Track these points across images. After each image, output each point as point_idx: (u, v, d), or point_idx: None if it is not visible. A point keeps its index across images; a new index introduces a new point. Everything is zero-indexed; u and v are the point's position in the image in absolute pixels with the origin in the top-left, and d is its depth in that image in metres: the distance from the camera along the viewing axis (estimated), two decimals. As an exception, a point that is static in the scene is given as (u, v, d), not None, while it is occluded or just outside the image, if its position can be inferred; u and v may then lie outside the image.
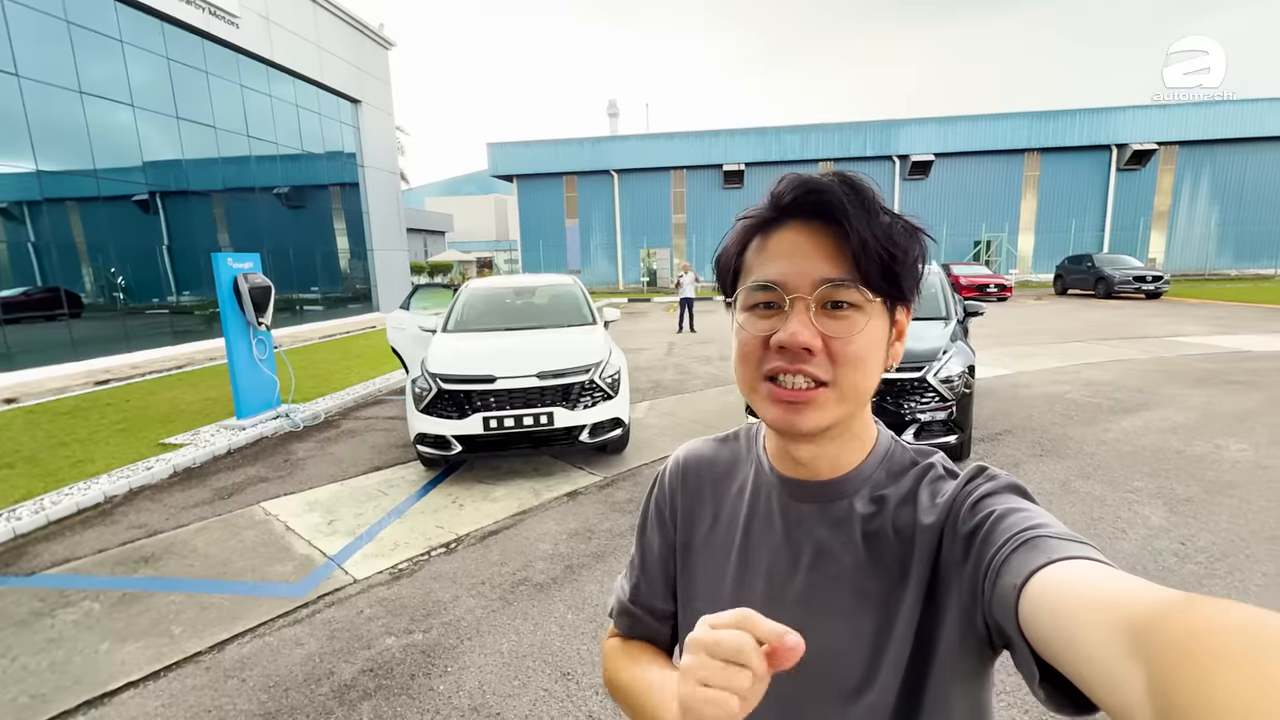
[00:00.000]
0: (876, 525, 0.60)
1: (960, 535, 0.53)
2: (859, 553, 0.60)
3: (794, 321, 0.55)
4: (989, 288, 18.35)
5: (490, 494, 4.40)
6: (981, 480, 0.56)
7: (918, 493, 0.60)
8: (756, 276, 0.59)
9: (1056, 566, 0.43)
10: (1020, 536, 0.47)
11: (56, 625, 2.96)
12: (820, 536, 0.62)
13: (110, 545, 3.80)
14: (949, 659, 0.55)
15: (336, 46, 17.01)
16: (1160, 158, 25.77)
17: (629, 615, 0.78)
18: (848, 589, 0.59)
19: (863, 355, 0.56)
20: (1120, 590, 0.38)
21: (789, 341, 0.55)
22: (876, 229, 0.55)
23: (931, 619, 0.56)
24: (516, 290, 6.40)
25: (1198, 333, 10.74)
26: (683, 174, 28.48)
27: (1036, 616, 0.41)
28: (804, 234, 0.58)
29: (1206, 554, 3.20)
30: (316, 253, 16.87)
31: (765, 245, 0.60)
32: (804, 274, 0.56)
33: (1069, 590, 0.40)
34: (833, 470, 0.62)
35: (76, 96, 10.31)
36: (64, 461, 5.22)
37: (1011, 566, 0.46)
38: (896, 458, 0.64)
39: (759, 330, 0.58)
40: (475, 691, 2.40)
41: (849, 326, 0.56)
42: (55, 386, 8.69)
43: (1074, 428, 5.43)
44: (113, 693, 2.48)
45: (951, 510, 0.56)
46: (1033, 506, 0.52)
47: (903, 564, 0.57)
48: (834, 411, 0.57)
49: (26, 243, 9.87)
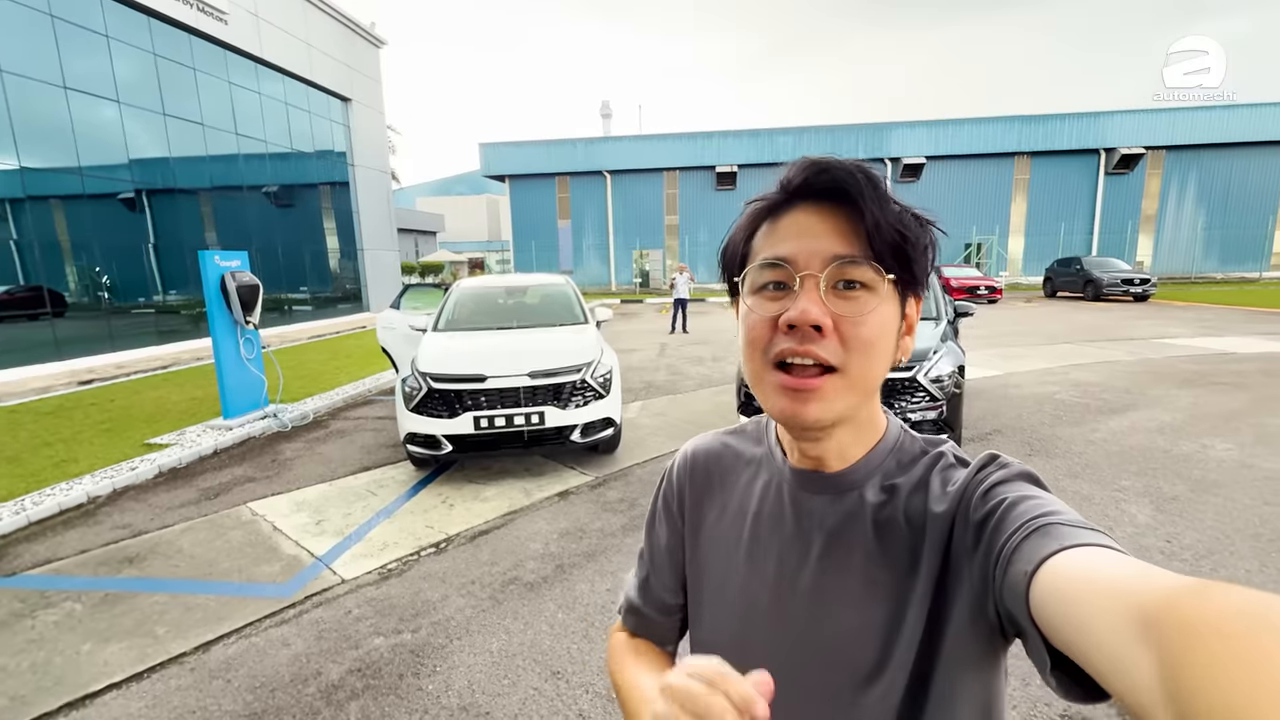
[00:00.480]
0: (887, 514, 0.59)
1: (972, 523, 0.53)
2: (870, 542, 0.59)
3: (804, 299, 0.54)
4: (979, 290, 18.51)
5: (481, 494, 4.37)
6: (993, 468, 0.56)
7: (929, 481, 0.59)
8: (765, 255, 0.58)
9: (1068, 553, 0.42)
10: (1032, 524, 0.47)
11: (37, 626, 2.90)
12: (831, 527, 0.61)
13: (93, 546, 3.74)
14: (960, 647, 0.54)
15: (327, 44, 16.89)
16: (1148, 162, 26.12)
17: (636, 614, 0.78)
18: (859, 578, 0.59)
19: (873, 339, 0.55)
20: (1132, 576, 0.37)
21: (798, 319, 0.54)
22: (889, 213, 0.55)
23: (942, 607, 0.55)
24: (508, 289, 6.37)
25: (1184, 335, 10.88)
26: (675, 175, 28.52)
27: (1047, 603, 0.41)
28: (815, 214, 0.57)
29: (1192, 551, 3.24)
30: (306, 252, 16.73)
31: (774, 228, 0.59)
32: (815, 251, 0.55)
33: (1080, 577, 0.40)
34: (841, 460, 0.62)
35: (61, 92, 10.17)
36: (46, 462, 5.14)
37: (1023, 553, 0.45)
38: (906, 447, 0.63)
39: (768, 311, 0.57)
40: (464, 691, 2.37)
41: (860, 307, 0.55)
42: (38, 386, 8.56)
43: (1062, 428, 5.47)
44: (95, 694, 2.43)
45: (963, 498, 0.55)
46: (1045, 494, 0.52)
47: (914, 553, 0.57)
48: (841, 402, 0.56)
49: (9, 240, 9.70)
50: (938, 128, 26.49)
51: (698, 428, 5.86)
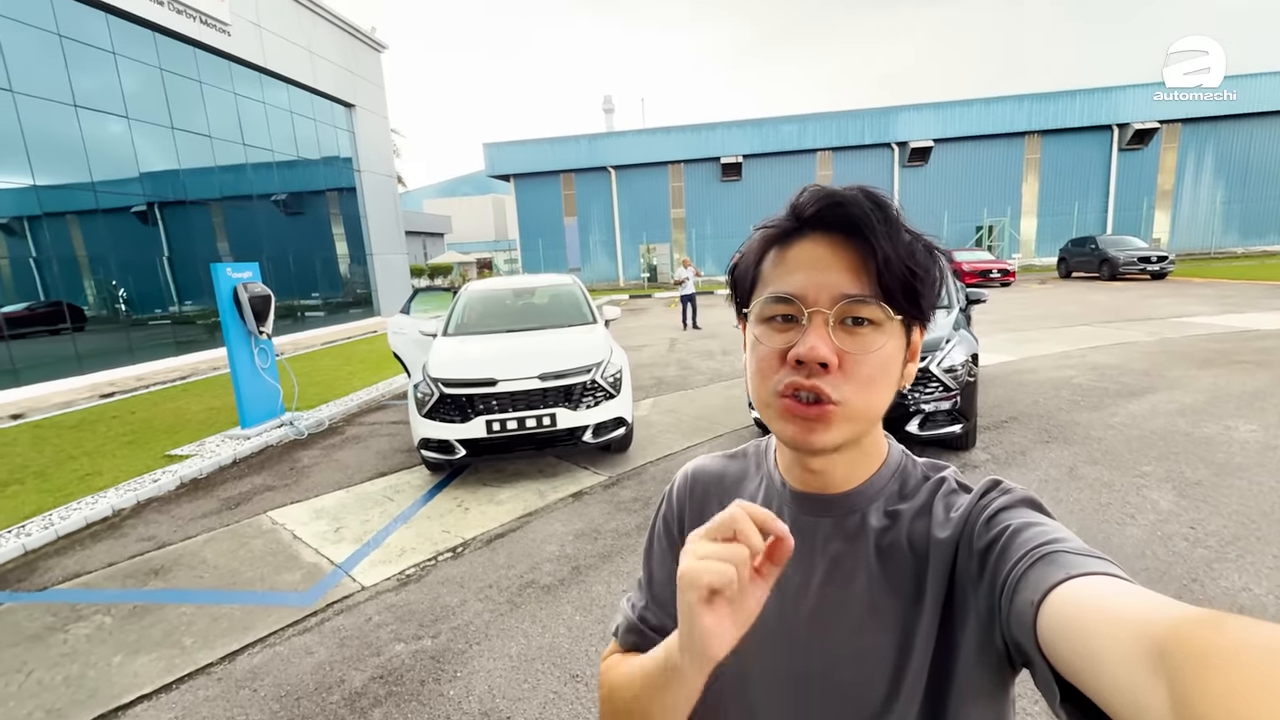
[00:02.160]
0: (890, 539, 0.59)
1: (976, 550, 0.53)
2: (872, 568, 0.59)
3: (811, 335, 0.55)
4: (992, 273, 18.25)
5: (495, 497, 4.40)
6: (996, 494, 0.56)
7: (932, 506, 0.59)
8: (775, 288, 0.58)
9: (1075, 582, 0.42)
10: (1037, 551, 0.46)
11: (69, 639, 2.97)
12: (833, 551, 0.61)
13: (120, 558, 3.82)
14: (968, 677, 0.54)
15: (328, 51, 16.96)
16: (1163, 136, 25.52)
17: (636, 632, 0.74)
18: (862, 604, 0.58)
19: (875, 376, 0.56)
20: (1142, 606, 0.37)
21: (806, 355, 0.54)
22: (900, 246, 0.54)
23: (949, 636, 0.55)
24: (516, 291, 6.39)
25: (1204, 313, 10.66)
26: (680, 168, 28.36)
27: (1055, 633, 0.41)
28: (825, 246, 0.57)
29: (1217, 538, 3.18)
30: (316, 258, 16.88)
31: (784, 256, 0.59)
32: (824, 287, 0.55)
33: (1089, 606, 0.39)
34: (845, 483, 0.62)
35: (71, 110, 10.31)
36: (72, 476, 5.25)
37: (1029, 582, 0.45)
38: (909, 471, 0.63)
39: (776, 344, 0.57)
40: (485, 696, 2.40)
41: (866, 344, 0.55)
42: (61, 400, 8.74)
43: (1080, 413, 5.40)
44: (126, 705, 2.49)
45: (966, 525, 0.55)
46: (1049, 521, 0.51)
47: (917, 579, 0.57)
48: (846, 430, 0.56)
49: (28, 257, 9.89)
50: (945, 110, 26.07)
51: (710, 424, 5.85)
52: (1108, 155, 26.08)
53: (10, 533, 4.13)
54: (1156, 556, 3.04)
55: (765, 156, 27.14)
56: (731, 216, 27.87)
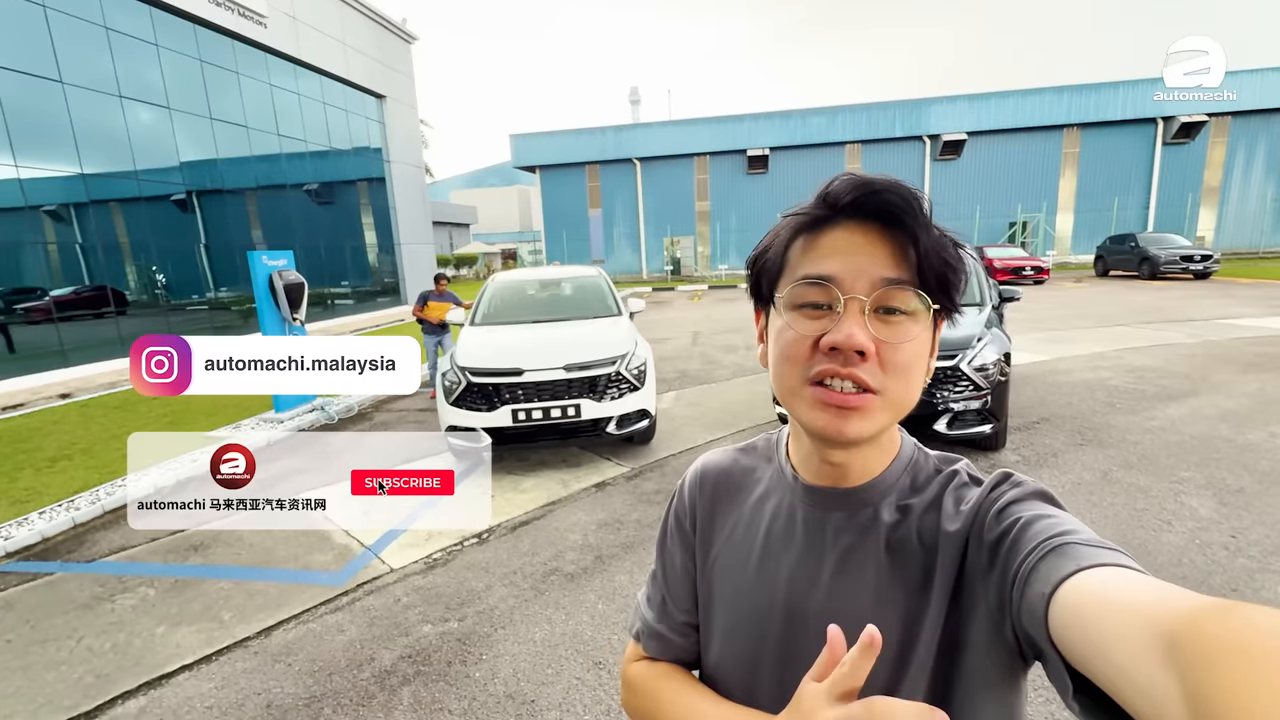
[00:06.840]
0: (901, 533, 0.59)
1: (986, 543, 0.52)
2: (882, 561, 0.59)
3: (849, 322, 0.54)
4: (1025, 270, 17.77)
5: (520, 485, 4.46)
6: (1007, 487, 0.55)
7: (942, 500, 0.59)
8: (808, 271, 0.56)
9: (1086, 574, 0.42)
10: (1048, 544, 0.46)
11: (116, 610, 3.12)
12: (844, 545, 0.61)
13: (162, 534, 3.99)
14: (978, 670, 0.54)
15: (361, 43, 17.19)
16: (1211, 129, 24.47)
17: (658, 638, 0.75)
18: (871, 598, 0.58)
19: (912, 364, 0.56)
20: (1153, 597, 0.37)
21: (844, 343, 0.53)
22: (933, 238, 0.54)
23: (957, 628, 0.54)
24: (541, 283, 6.44)
25: (1250, 314, 10.24)
26: (706, 160, 28.12)
27: (1067, 625, 0.40)
28: (860, 234, 0.56)
29: (1259, 547, 3.08)
30: (346, 247, 17.20)
31: (816, 243, 0.57)
32: (863, 272, 0.54)
33: (1100, 597, 0.39)
34: (860, 476, 0.61)
35: (116, 100, 10.65)
36: (116, 454, 5.47)
37: (1040, 574, 0.45)
38: (920, 464, 0.63)
39: (808, 331, 0.56)
40: (510, 679, 2.45)
41: (902, 333, 0.55)
42: (105, 381, 9.10)
43: (1116, 415, 5.25)
44: (170, 674, 2.61)
45: (977, 517, 0.55)
46: (1060, 513, 0.51)
47: (927, 572, 0.56)
48: (881, 419, 0.56)
49: (74, 243, 10.28)
50: (980, 101, 25.34)
51: (733, 418, 5.84)
52: (1151, 149, 25.08)
53: (60, 506, 4.33)
54: (1194, 564, 2.96)
55: (792, 149, 26.74)
56: (756, 210, 27.54)
